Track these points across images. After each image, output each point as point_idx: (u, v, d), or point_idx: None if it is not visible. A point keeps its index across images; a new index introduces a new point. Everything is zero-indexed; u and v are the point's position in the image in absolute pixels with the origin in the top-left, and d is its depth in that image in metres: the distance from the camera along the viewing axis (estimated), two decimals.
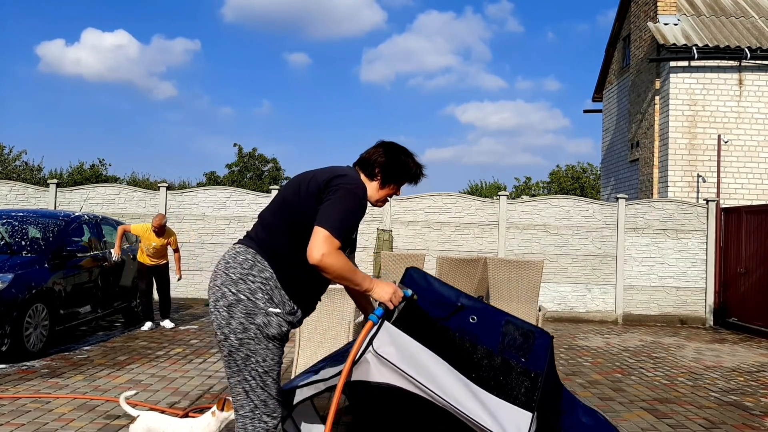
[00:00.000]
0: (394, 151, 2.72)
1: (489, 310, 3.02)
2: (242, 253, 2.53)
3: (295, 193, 2.55)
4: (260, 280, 2.47)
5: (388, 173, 2.69)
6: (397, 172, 2.71)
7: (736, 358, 8.11)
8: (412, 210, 11.65)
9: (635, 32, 14.71)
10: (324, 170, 2.60)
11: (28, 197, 11.66)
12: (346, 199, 2.44)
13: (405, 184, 2.79)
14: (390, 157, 2.69)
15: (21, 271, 6.50)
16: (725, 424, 4.97)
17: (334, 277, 2.41)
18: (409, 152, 2.77)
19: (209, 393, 5.34)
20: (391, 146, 2.75)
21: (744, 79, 12.90)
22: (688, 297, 11.49)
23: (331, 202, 2.42)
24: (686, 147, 12.86)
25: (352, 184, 2.50)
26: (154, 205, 11.70)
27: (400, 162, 2.71)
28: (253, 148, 29.14)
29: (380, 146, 2.75)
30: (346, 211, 2.42)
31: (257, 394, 2.50)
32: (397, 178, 2.72)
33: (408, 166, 2.73)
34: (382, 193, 2.72)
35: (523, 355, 2.82)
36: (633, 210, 11.58)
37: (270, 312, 2.46)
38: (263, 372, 2.49)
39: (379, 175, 2.69)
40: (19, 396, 4.98)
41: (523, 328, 2.92)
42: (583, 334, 9.72)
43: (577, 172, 30.30)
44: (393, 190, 2.75)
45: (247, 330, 2.44)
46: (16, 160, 26.23)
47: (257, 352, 2.46)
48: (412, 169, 2.74)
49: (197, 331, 8.47)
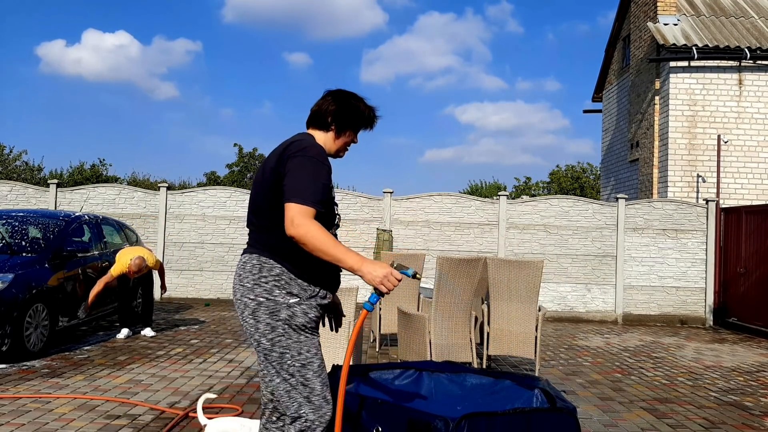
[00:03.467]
0: (344, 97, 2.63)
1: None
2: (248, 261, 2.50)
3: (260, 182, 2.52)
4: (273, 279, 2.44)
5: (341, 120, 2.60)
6: (350, 117, 2.62)
7: (735, 358, 8.11)
8: (412, 210, 11.65)
9: (635, 32, 14.71)
10: (273, 151, 2.54)
11: (29, 197, 11.66)
12: (304, 163, 2.37)
13: (361, 129, 2.69)
14: (340, 104, 2.61)
15: (21, 271, 6.51)
16: (725, 424, 4.97)
17: (311, 249, 2.29)
18: (359, 96, 2.68)
19: (210, 393, 5.34)
20: (339, 93, 2.66)
21: (744, 79, 12.91)
22: (688, 297, 11.49)
23: (290, 174, 2.36)
24: (686, 147, 12.87)
25: (305, 146, 2.42)
26: (154, 205, 11.70)
27: (351, 106, 2.62)
28: (254, 148, 29.17)
29: (328, 95, 2.66)
30: (309, 175, 2.35)
31: (299, 391, 2.41)
32: (351, 124, 2.63)
33: (360, 109, 2.64)
34: (339, 142, 2.64)
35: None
36: (633, 210, 11.58)
37: (291, 303, 2.43)
38: (301, 366, 2.42)
39: (333, 124, 2.60)
40: (19, 396, 4.98)
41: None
42: (583, 334, 9.73)
43: (577, 172, 30.30)
44: (350, 137, 2.66)
45: (275, 329, 2.41)
46: (17, 160, 26.25)
47: (290, 347, 2.41)
48: (365, 112, 2.65)
49: (197, 331, 8.48)
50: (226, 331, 8.62)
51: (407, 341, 5.99)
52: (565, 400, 2.40)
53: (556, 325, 10.72)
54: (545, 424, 2.26)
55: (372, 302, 2.37)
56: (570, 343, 8.85)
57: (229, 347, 7.43)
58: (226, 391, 5.41)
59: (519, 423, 2.23)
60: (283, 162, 2.41)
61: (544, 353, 7.81)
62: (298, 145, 2.44)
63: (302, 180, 2.34)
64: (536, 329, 6.29)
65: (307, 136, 2.58)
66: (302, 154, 2.39)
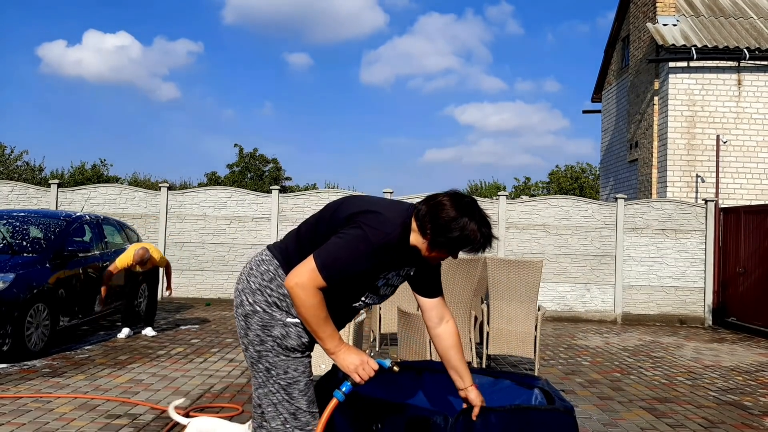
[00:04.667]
0: (448, 219, 2.19)
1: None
2: (266, 262, 2.40)
3: (330, 212, 2.35)
4: (277, 296, 2.35)
5: (437, 242, 2.22)
6: (447, 243, 2.23)
7: (734, 357, 8.13)
8: None
9: (634, 33, 14.73)
10: (362, 200, 2.32)
11: (30, 197, 11.68)
12: (356, 241, 2.15)
13: (461, 251, 2.30)
14: (438, 228, 2.19)
15: (22, 271, 6.53)
16: (724, 424, 4.99)
17: (299, 314, 2.19)
18: (475, 215, 2.22)
19: (210, 392, 5.37)
20: (450, 208, 2.20)
21: (743, 80, 12.93)
22: (687, 297, 11.51)
23: (339, 236, 2.17)
24: (685, 147, 12.89)
25: (372, 227, 2.16)
26: (155, 205, 11.72)
27: (451, 233, 2.20)
28: (254, 149, 29.18)
29: (442, 203, 2.22)
30: (349, 254, 2.14)
31: (285, 407, 2.35)
32: (447, 247, 2.25)
33: (461, 238, 2.21)
34: (430, 254, 2.29)
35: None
36: (632, 210, 11.60)
37: (288, 322, 2.33)
38: (286, 385, 2.34)
39: (429, 239, 2.23)
40: (20, 395, 5.00)
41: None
42: (582, 334, 9.75)
43: (576, 173, 30.32)
44: (444, 254, 2.29)
45: (264, 342, 2.33)
46: (18, 161, 26.27)
47: (277, 364, 2.33)
48: (468, 239, 2.22)
49: (198, 331, 8.50)
50: (226, 330, 8.64)
51: (407, 341, 6.00)
52: (564, 400, 2.41)
53: (555, 324, 10.74)
54: (543, 422, 2.27)
55: (344, 392, 2.22)
56: (569, 342, 8.87)
57: (229, 347, 7.45)
58: (226, 391, 5.43)
59: (517, 420, 2.25)
60: (350, 221, 2.22)
61: (543, 353, 7.83)
62: (373, 219, 2.19)
63: (341, 251, 2.15)
64: (536, 329, 6.31)
65: (396, 215, 2.25)
66: (365, 232, 2.16)
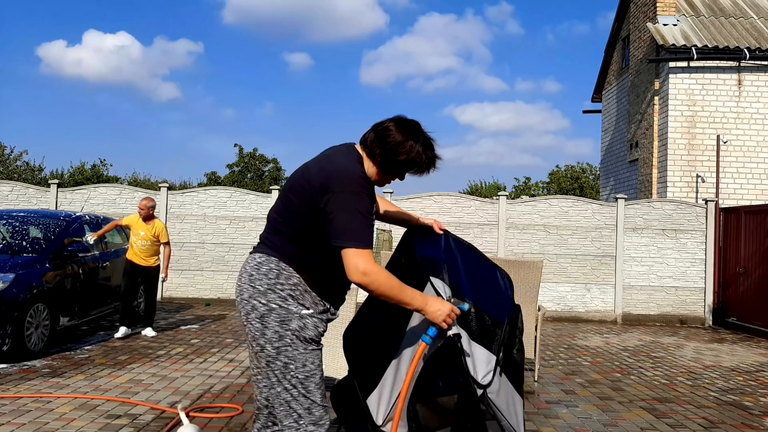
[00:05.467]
0: (395, 143, 2.40)
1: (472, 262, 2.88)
2: (265, 262, 2.42)
3: (295, 193, 2.40)
4: (289, 287, 2.39)
5: (387, 165, 2.43)
6: (397, 166, 2.43)
7: (735, 357, 8.13)
8: (411, 210, 11.66)
9: (634, 33, 14.73)
10: (316, 167, 2.39)
11: (30, 197, 11.68)
12: (349, 201, 2.26)
13: (409, 174, 2.51)
14: (386, 149, 2.40)
15: (22, 271, 6.52)
16: (724, 424, 4.99)
17: (378, 295, 2.28)
18: (420, 136, 2.43)
19: (210, 392, 5.36)
20: (396, 131, 2.41)
21: (743, 80, 12.92)
22: (688, 297, 11.50)
23: (339, 214, 2.26)
24: (685, 147, 12.88)
25: (345, 180, 2.29)
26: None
27: (398, 155, 2.41)
28: (254, 149, 29.23)
29: (387, 128, 2.42)
30: (357, 214, 2.26)
31: (300, 402, 2.37)
32: (397, 171, 2.46)
33: (409, 159, 2.42)
34: (381, 178, 2.49)
35: (492, 308, 2.59)
36: (632, 210, 11.59)
37: (304, 314, 2.38)
38: (304, 378, 2.38)
39: (378, 162, 2.43)
40: (20, 395, 5.00)
41: (496, 283, 2.73)
42: (583, 334, 9.74)
43: (577, 173, 30.34)
44: (395, 178, 2.51)
45: (283, 337, 2.36)
46: (18, 161, 26.31)
47: (296, 358, 2.37)
48: (415, 161, 2.42)
49: (198, 331, 8.49)
50: (226, 330, 8.63)
51: None
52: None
53: (555, 324, 10.74)
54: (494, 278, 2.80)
55: (431, 336, 2.37)
56: (569, 342, 8.87)
57: (229, 347, 7.44)
58: (226, 391, 5.42)
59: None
60: (327, 196, 2.28)
61: (543, 353, 7.83)
62: (339, 179, 2.29)
63: (352, 221, 2.25)
64: (536, 329, 6.30)
65: (349, 157, 2.41)
66: (345, 191, 2.27)
